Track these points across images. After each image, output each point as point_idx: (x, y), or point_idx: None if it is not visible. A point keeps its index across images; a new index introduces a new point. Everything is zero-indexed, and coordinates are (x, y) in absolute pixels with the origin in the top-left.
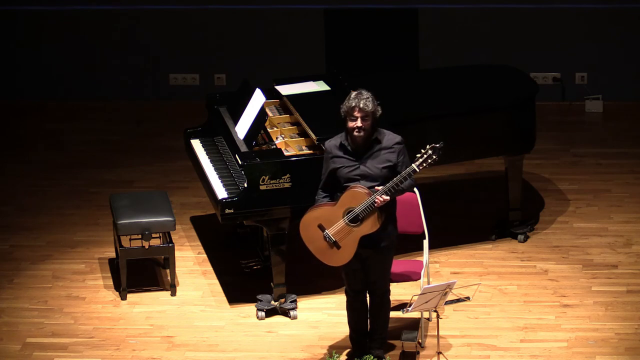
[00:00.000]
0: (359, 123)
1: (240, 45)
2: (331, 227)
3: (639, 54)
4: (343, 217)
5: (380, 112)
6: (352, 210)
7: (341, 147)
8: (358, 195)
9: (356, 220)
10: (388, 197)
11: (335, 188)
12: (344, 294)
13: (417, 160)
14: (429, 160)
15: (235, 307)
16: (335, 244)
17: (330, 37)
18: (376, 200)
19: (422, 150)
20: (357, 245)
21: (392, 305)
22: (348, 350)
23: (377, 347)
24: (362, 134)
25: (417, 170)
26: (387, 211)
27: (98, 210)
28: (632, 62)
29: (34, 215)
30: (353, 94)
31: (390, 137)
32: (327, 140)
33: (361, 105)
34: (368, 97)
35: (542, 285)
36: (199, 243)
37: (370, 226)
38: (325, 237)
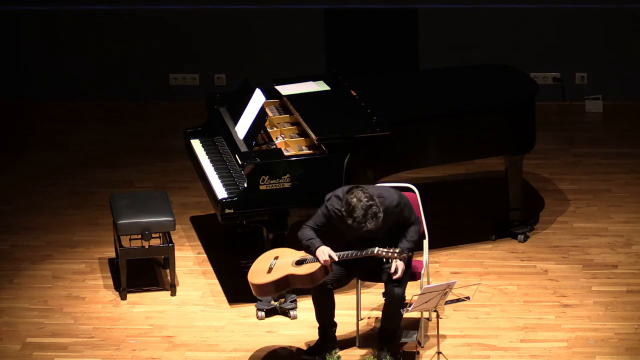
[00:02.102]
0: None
1: (240, 45)
2: (281, 259)
3: (639, 54)
4: (297, 258)
5: (379, 201)
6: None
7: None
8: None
9: (301, 263)
10: (336, 259)
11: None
12: (342, 294)
13: (384, 248)
14: (390, 254)
15: (235, 307)
16: (269, 269)
17: (330, 37)
18: (324, 259)
19: (394, 248)
20: (281, 277)
21: None
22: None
23: (384, 346)
24: None
25: (375, 252)
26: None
27: (98, 210)
28: (632, 62)
29: (34, 215)
30: (358, 210)
31: (388, 202)
32: (327, 198)
33: (374, 227)
34: (375, 212)
35: (542, 285)
36: (199, 243)
37: (303, 271)
38: (270, 263)
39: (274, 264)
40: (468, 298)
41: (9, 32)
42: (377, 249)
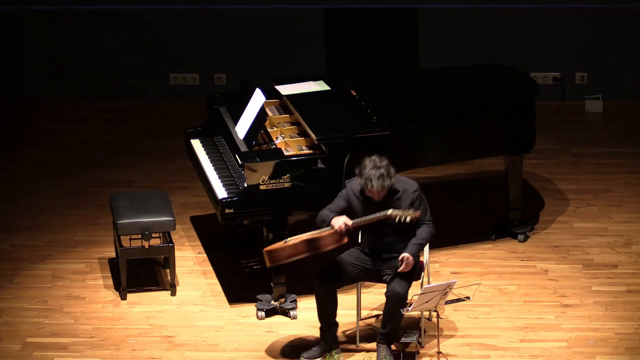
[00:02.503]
0: (376, 197)
1: (240, 45)
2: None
3: (639, 54)
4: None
5: (393, 173)
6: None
7: (362, 194)
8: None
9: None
10: (350, 223)
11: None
12: (342, 294)
13: (397, 210)
14: (403, 214)
15: (235, 307)
16: (286, 242)
17: (330, 37)
18: (339, 224)
19: (408, 209)
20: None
21: None
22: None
23: (385, 345)
24: (381, 197)
25: (387, 214)
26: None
27: (98, 210)
28: (632, 62)
29: (34, 215)
30: (368, 169)
31: (407, 186)
32: (348, 181)
33: (376, 187)
34: (385, 174)
35: (542, 285)
36: (199, 243)
37: (316, 234)
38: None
39: (291, 238)
40: (468, 298)
41: (8, 32)
42: (390, 210)
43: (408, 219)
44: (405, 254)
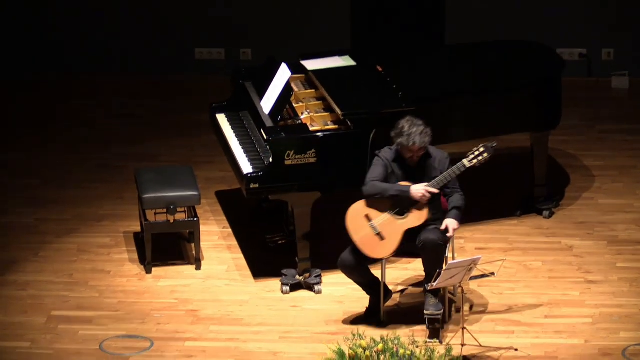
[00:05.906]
0: (415, 156)
1: (266, 20)
2: (377, 218)
3: None
4: (390, 209)
5: (430, 131)
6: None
7: (396, 160)
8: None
9: (402, 213)
10: (436, 190)
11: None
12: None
13: (468, 156)
14: (480, 158)
15: (260, 282)
16: (379, 235)
17: (356, 10)
18: (424, 195)
19: (475, 148)
20: (402, 237)
21: (416, 282)
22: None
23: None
24: (417, 159)
25: (467, 165)
26: (433, 203)
27: (124, 184)
28: None
29: (60, 189)
30: (407, 127)
31: (438, 152)
32: (378, 151)
33: (419, 143)
34: (424, 132)
35: (567, 262)
36: (224, 217)
37: (415, 220)
38: (371, 227)
39: (376, 228)
40: (493, 274)
41: (32, 7)
42: (465, 161)
43: (487, 157)
44: (447, 221)
